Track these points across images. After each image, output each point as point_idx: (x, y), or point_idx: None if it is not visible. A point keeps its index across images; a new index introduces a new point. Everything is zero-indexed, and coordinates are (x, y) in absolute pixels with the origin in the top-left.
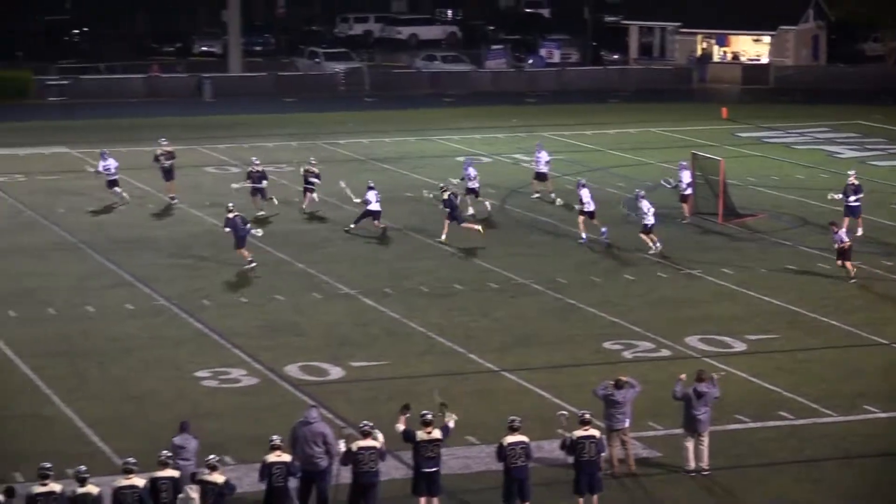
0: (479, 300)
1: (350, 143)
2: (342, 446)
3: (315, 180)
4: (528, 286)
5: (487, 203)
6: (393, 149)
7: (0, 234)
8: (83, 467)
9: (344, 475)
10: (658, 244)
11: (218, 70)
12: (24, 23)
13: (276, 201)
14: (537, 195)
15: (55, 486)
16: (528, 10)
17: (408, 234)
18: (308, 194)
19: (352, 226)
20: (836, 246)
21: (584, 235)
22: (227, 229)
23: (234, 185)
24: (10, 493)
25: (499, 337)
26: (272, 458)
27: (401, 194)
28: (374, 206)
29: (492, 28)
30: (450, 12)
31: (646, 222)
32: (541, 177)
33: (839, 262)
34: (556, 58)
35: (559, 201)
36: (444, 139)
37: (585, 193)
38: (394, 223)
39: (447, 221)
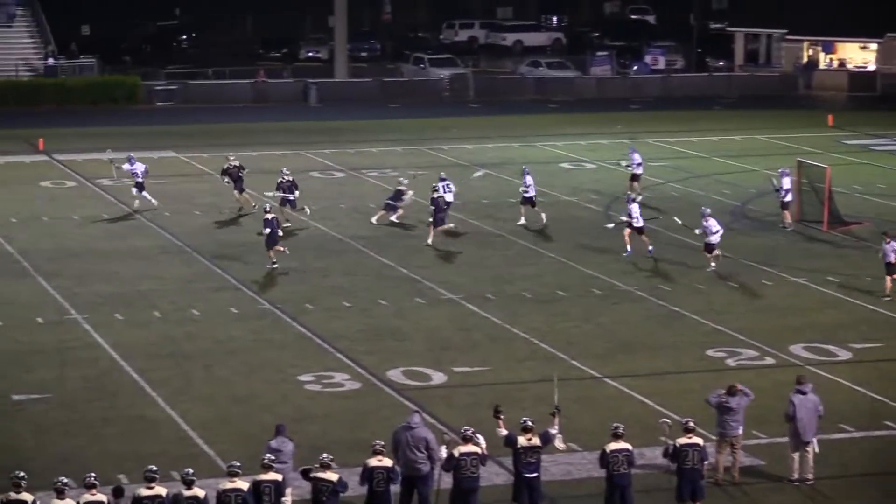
0: (583, 306)
1: (454, 149)
2: (444, 452)
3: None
4: (631, 293)
5: (543, 215)
6: (496, 154)
7: (109, 237)
8: (190, 470)
9: (445, 480)
10: (713, 264)
11: (324, 75)
12: (133, 29)
13: (308, 210)
14: (639, 196)
15: (161, 490)
16: (633, 17)
17: (512, 240)
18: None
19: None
20: (885, 260)
21: (628, 248)
22: (267, 230)
23: (269, 194)
24: (118, 492)
25: (601, 343)
26: (374, 462)
27: (504, 200)
28: (448, 197)
29: (597, 34)
30: (555, 19)
31: (709, 241)
32: (635, 178)
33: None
34: (661, 64)
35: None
36: (548, 145)
37: (635, 208)
38: (497, 228)
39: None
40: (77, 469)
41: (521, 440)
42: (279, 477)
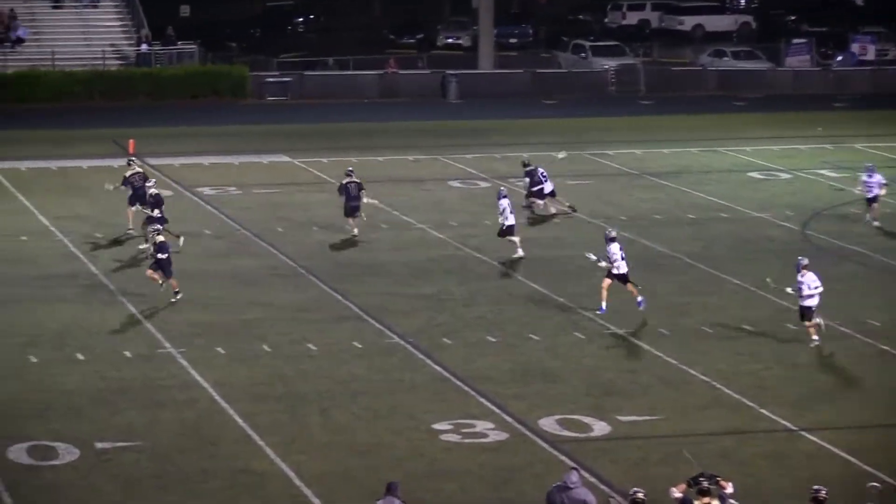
0: (774, 344)
1: (621, 155)
2: None
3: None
4: (833, 328)
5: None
6: (672, 161)
7: (209, 256)
8: None
9: None
10: (815, 338)
11: (465, 66)
12: (241, 9)
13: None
14: (877, 223)
15: None
16: None
17: (688, 262)
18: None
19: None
20: None
21: (602, 305)
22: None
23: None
24: None
25: (797, 389)
26: None
27: (682, 215)
28: (510, 220)
29: (793, 18)
30: None
31: (803, 304)
32: (873, 201)
33: None
34: (872, 54)
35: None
36: (734, 150)
37: (615, 248)
38: (670, 249)
39: None
40: None
41: None
42: None
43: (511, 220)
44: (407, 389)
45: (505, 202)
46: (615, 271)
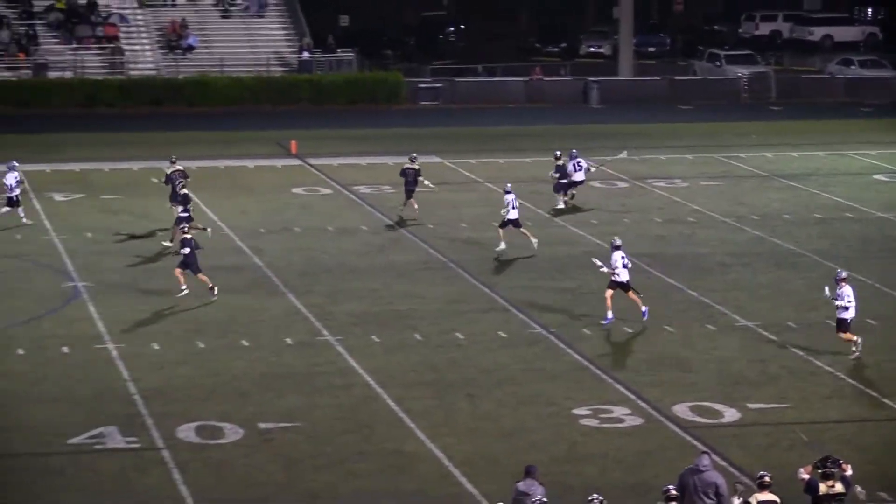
0: None
1: (752, 157)
2: (736, 501)
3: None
4: None
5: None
6: (801, 164)
7: (366, 250)
8: None
9: None
10: (856, 348)
11: (606, 73)
12: (396, 20)
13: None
14: None
15: None
16: None
17: (817, 260)
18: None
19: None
20: None
21: (609, 314)
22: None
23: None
24: None
25: None
26: None
27: (810, 215)
28: (513, 214)
29: None
30: (870, 11)
31: (841, 316)
32: None
33: None
34: None
35: None
36: (860, 154)
37: (618, 257)
38: (799, 247)
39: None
40: None
41: (823, 487)
42: None
43: (514, 215)
44: (549, 377)
45: (510, 197)
46: (616, 279)
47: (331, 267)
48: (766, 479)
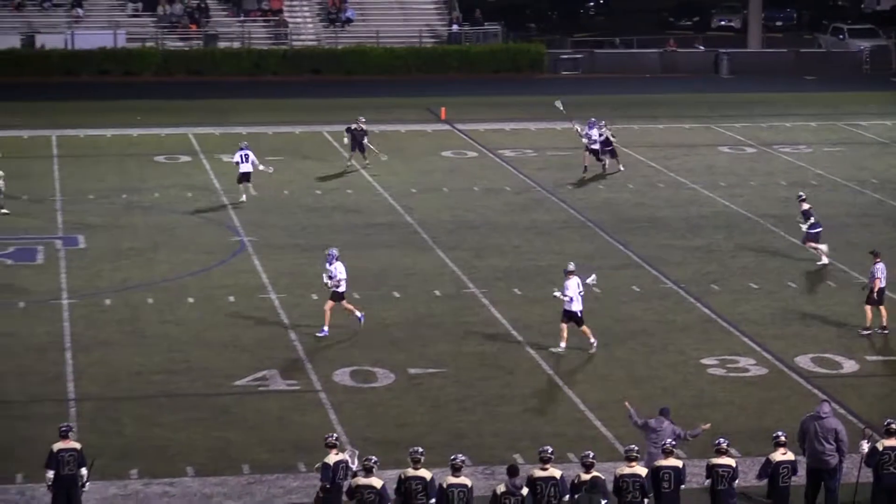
0: None
1: (873, 126)
2: (865, 446)
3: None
4: None
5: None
6: None
7: (509, 210)
8: (590, 452)
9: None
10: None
11: (736, 46)
12: None
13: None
14: None
15: (554, 471)
16: None
17: None
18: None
19: None
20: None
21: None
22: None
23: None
24: (513, 472)
25: None
26: (778, 456)
27: None
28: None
29: None
30: None
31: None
32: None
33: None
34: None
35: None
36: None
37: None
38: None
39: None
40: (472, 445)
41: None
42: (679, 463)
43: None
44: (679, 329)
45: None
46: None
47: (476, 224)
48: (893, 426)
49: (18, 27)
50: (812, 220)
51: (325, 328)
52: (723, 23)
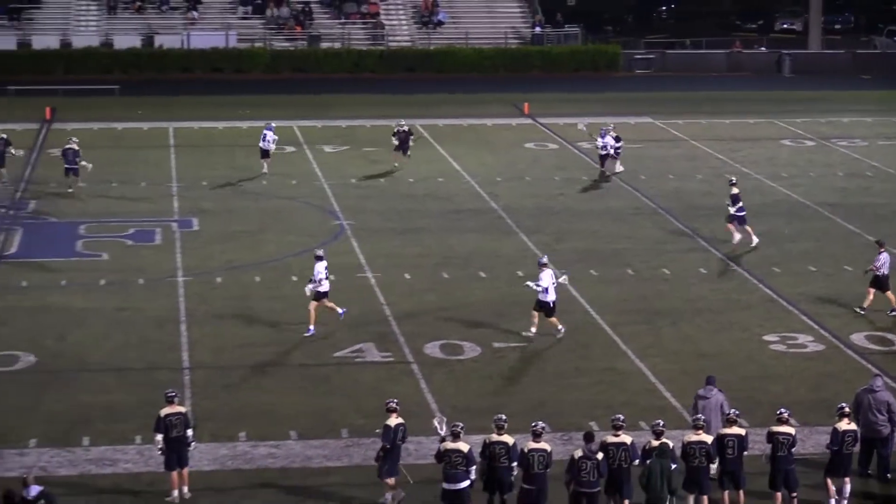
0: None
1: None
2: None
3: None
4: None
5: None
6: None
7: (586, 197)
8: (660, 421)
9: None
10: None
11: (797, 47)
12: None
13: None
14: None
15: (626, 438)
16: None
17: None
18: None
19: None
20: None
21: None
22: None
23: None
24: (588, 437)
25: None
26: (843, 426)
27: None
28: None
29: None
30: None
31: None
32: None
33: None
34: None
35: None
36: None
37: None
38: None
39: None
40: (551, 414)
41: None
42: (742, 431)
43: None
44: (742, 308)
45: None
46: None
47: (557, 210)
48: None
49: (139, 28)
50: (740, 203)
51: (312, 327)
52: (785, 25)
